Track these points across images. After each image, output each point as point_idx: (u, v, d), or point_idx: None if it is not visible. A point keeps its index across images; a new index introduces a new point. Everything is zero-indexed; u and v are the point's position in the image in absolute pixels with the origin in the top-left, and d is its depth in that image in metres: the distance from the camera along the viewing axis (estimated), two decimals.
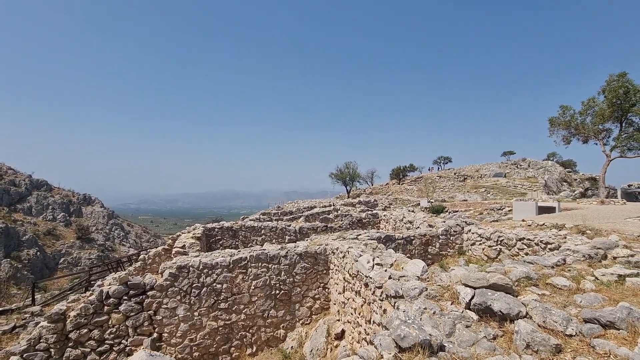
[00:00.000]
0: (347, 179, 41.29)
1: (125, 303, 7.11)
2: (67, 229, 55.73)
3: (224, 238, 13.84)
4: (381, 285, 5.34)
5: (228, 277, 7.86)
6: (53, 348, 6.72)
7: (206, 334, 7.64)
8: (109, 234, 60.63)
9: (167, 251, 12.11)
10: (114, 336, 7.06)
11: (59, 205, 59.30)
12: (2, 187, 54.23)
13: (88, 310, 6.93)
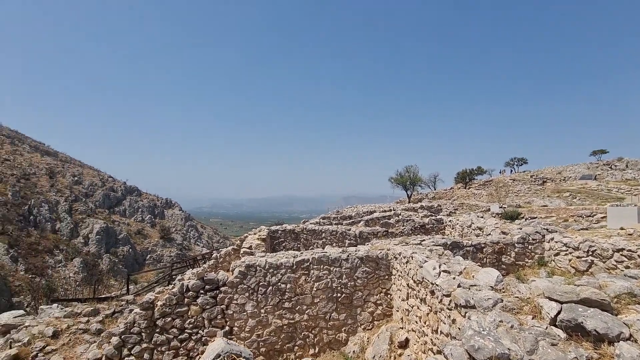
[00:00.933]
0: (407, 184, 39.91)
1: (202, 296, 7.82)
2: (153, 229, 63.20)
3: (286, 240, 14.40)
4: (449, 293, 5.05)
5: (292, 277, 8.16)
6: (144, 332, 7.66)
7: (272, 331, 8.01)
8: (185, 235, 67.18)
9: (236, 251, 13.01)
10: (192, 326, 7.80)
11: (146, 208, 67.66)
12: (104, 193, 63.80)
13: (171, 301, 7.77)
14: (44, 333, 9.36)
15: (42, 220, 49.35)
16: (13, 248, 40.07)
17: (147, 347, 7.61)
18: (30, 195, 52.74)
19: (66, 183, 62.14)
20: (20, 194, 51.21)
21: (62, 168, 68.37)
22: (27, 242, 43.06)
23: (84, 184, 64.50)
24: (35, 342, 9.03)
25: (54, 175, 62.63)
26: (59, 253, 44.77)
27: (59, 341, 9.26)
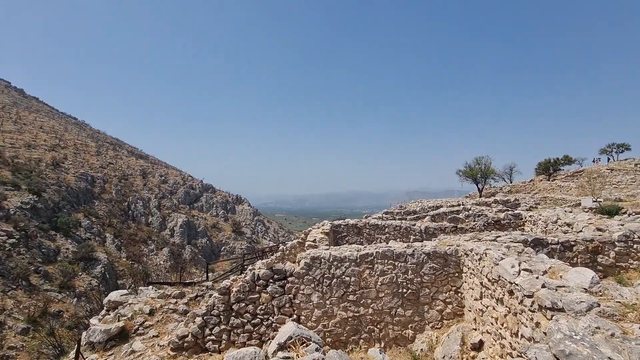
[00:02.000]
0: (478, 176, 36.77)
1: (271, 285, 8.31)
2: (226, 223, 68.83)
3: (349, 235, 14.47)
4: (532, 294, 4.58)
5: (356, 271, 8.19)
6: (222, 315, 8.43)
7: (337, 322, 8.16)
8: (254, 229, 71.79)
9: (300, 244, 13.51)
10: (263, 312, 8.34)
11: (220, 204, 73.90)
12: (185, 190, 71.33)
13: (245, 288, 8.40)
14: (143, 310, 10.89)
15: (138, 214, 57.23)
16: (117, 238, 47.23)
17: (225, 328, 8.36)
18: (129, 193, 61.49)
19: (155, 182, 71.01)
20: (121, 192, 60.03)
21: (152, 169, 78.28)
22: (128, 233, 50.38)
23: (169, 183, 72.99)
24: (136, 317, 10.57)
25: (146, 175, 72.07)
26: (151, 243, 51.51)
27: (154, 318, 10.69)
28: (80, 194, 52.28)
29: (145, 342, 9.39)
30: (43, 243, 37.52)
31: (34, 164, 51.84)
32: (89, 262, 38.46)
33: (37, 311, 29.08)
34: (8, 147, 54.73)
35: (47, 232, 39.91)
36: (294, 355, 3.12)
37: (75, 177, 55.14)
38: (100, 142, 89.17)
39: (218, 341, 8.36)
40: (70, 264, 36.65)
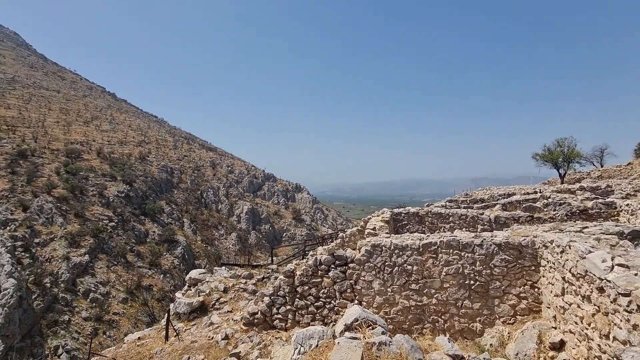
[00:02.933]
0: (559, 160, 32.39)
1: (333, 270, 8.56)
2: (287, 211, 71.88)
3: (410, 223, 14.11)
4: (628, 292, 4.03)
5: (418, 259, 8.01)
6: (287, 296, 8.96)
7: (399, 310, 8.12)
8: (313, 216, 73.81)
9: (360, 232, 13.58)
10: (325, 296, 8.66)
11: (281, 192, 77.30)
12: (249, 179, 75.96)
13: (308, 272, 8.79)
14: (218, 288, 12.06)
15: (209, 202, 62.74)
16: (193, 223, 52.53)
17: (290, 308, 8.89)
18: (201, 182, 67.60)
19: (223, 172, 76.85)
20: (195, 182, 66.27)
21: (220, 160, 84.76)
22: (201, 219, 55.68)
23: (235, 173, 78.43)
24: (213, 294, 11.75)
25: (215, 166, 78.39)
26: (221, 228, 56.26)
27: (228, 295, 11.79)
28: (162, 183, 59.04)
29: (221, 316, 10.44)
30: (135, 226, 43.42)
31: (126, 158, 59.83)
32: (171, 244, 43.55)
33: (133, 284, 34.01)
34: (106, 144, 63.89)
35: (138, 217, 46.04)
36: (361, 336, 3.23)
37: (158, 169, 62.32)
38: (177, 137, 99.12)
39: (284, 320, 8.93)
40: (157, 245, 41.93)
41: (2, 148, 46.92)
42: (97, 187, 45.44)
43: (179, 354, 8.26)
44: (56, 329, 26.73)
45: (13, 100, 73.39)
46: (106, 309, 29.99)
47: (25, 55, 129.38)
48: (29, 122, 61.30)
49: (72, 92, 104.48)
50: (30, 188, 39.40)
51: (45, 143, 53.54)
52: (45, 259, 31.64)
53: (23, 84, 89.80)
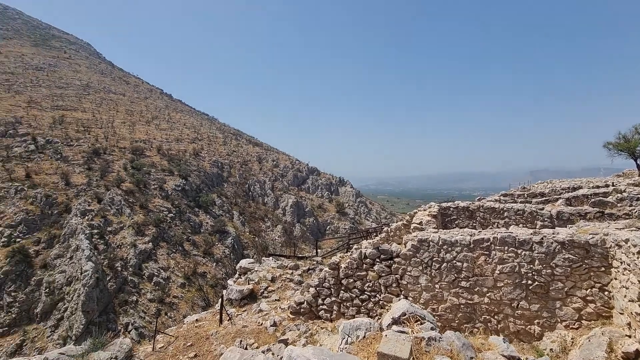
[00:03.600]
0: (637, 149, 28.48)
1: (378, 264, 8.52)
2: (330, 204, 72.41)
3: (459, 218, 13.48)
4: None
5: (469, 256, 7.66)
6: (332, 288, 9.11)
7: (447, 307, 7.86)
8: (357, 210, 73.51)
9: (405, 226, 13.28)
10: (370, 289, 8.66)
11: (324, 186, 78.00)
12: (293, 173, 77.67)
13: (352, 265, 8.84)
14: (266, 277, 12.61)
15: (256, 195, 65.38)
16: (241, 215, 55.21)
17: (335, 300, 9.03)
18: (248, 176, 70.62)
19: (269, 166, 79.47)
20: (243, 175, 69.42)
21: (266, 155, 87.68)
22: (249, 211, 58.31)
23: (279, 167, 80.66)
24: (261, 282, 12.33)
25: (261, 161, 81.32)
26: (267, 220, 58.43)
27: (275, 284, 12.29)
28: (214, 177, 62.73)
29: (270, 304, 10.93)
30: (190, 217, 46.79)
31: (182, 154, 64.47)
32: (222, 234, 46.29)
33: (190, 271, 36.81)
34: (164, 141, 69.35)
35: (193, 209, 49.54)
36: (409, 330, 3.21)
37: (210, 164, 66.29)
38: (226, 133, 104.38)
39: (329, 311, 9.11)
40: (210, 235, 44.84)
41: (80, 147, 53.23)
42: (158, 181, 49.70)
43: (232, 337, 8.84)
44: (126, 307, 29.98)
45: (87, 104, 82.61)
46: (167, 292, 32.92)
47: (97, 63, 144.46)
48: (100, 123, 68.66)
49: (135, 95, 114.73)
50: (103, 182, 44.28)
51: (115, 142, 59.64)
52: (117, 245, 35.48)
53: (95, 89, 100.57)
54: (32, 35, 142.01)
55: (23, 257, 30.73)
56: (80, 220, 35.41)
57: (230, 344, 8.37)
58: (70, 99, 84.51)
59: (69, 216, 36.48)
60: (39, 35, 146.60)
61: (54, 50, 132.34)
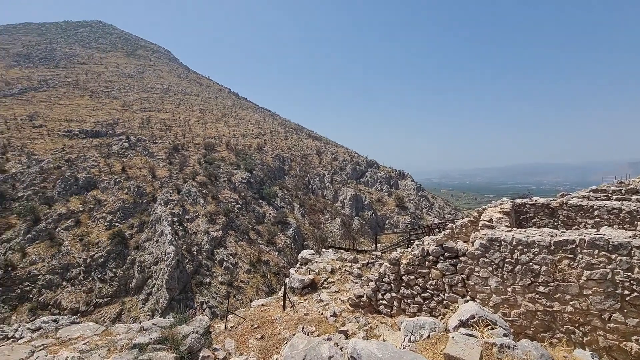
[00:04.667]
0: None
1: (442, 262, 8.16)
2: (389, 198, 70.80)
3: (537, 216, 12.16)
4: None
5: (548, 259, 6.91)
6: (393, 283, 8.99)
7: (521, 313, 7.22)
8: (418, 204, 70.71)
9: (473, 223, 12.43)
10: (433, 288, 8.34)
11: (383, 179, 76.45)
12: (352, 166, 77.48)
13: (414, 262, 8.60)
14: (326, 269, 12.93)
15: (315, 188, 66.83)
16: (302, 207, 57.02)
17: (396, 296, 8.90)
18: (308, 169, 72.43)
19: (328, 160, 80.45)
20: (303, 169, 71.45)
21: (325, 148, 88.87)
22: (309, 203, 59.92)
23: (338, 160, 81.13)
24: (321, 273, 12.68)
25: (320, 154, 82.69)
26: (326, 213, 59.43)
27: (335, 276, 12.54)
28: (276, 171, 65.70)
29: (329, 294, 11.22)
30: (255, 208, 49.80)
31: (247, 149, 68.69)
32: (284, 225, 48.43)
33: (255, 258, 39.33)
34: (232, 137, 74.55)
35: (257, 200, 52.64)
36: (478, 334, 3.04)
37: (272, 157, 69.52)
38: (287, 128, 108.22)
39: (389, 306, 9.02)
40: (272, 226, 47.25)
41: (163, 144, 60.02)
42: (227, 174, 53.82)
43: (294, 323, 9.30)
44: (201, 288, 33.31)
45: (168, 106, 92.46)
46: (235, 276, 35.71)
47: (175, 68, 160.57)
48: (179, 122, 76.43)
49: (207, 95, 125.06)
50: (182, 175, 49.42)
51: (190, 138, 65.98)
52: (193, 232, 39.46)
53: (174, 91, 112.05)
54: (124, 47, 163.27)
55: (121, 239, 36.01)
56: (164, 208, 40.10)
57: (293, 330, 8.83)
58: (155, 101, 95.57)
59: (155, 205, 41.57)
60: (129, 46, 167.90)
61: (141, 59, 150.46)
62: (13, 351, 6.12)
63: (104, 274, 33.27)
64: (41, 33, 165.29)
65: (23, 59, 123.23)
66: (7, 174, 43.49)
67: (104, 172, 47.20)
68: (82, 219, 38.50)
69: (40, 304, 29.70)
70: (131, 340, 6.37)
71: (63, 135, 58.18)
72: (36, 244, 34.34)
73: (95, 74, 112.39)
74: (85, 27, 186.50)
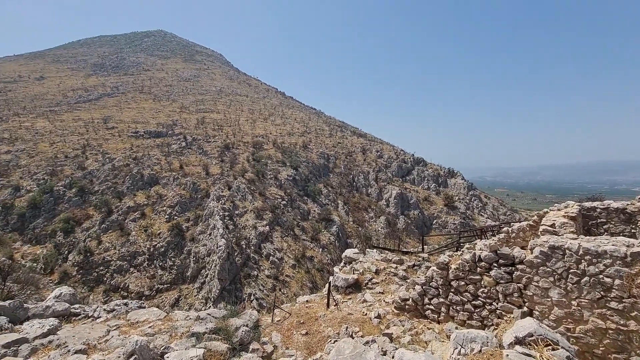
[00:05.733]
0: None
1: (495, 269, 7.67)
2: (437, 197, 67.84)
3: (610, 222, 10.86)
4: None
5: (623, 272, 6.16)
6: (441, 288, 8.66)
7: (589, 330, 6.54)
8: (468, 204, 66.84)
9: (532, 227, 11.47)
10: (485, 296, 7.88)
11: (431, 177, 73.47)
12: (398, 164, 75.55)
13: (464, 267, 8.20)
14: (370, 269, 12.84)
15: (359, 185, 66.33)
16: (346, 205, 56.98)
17: (444, 302, 8.57)
18: (352, 167, 72.07)
19: (372, 157, 79.30)
20: (347, 166, 71.30)
21: (370, 146, 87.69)
22: (353, 201, 59.66)
23: (383, 158, 79.59)
24: (365, 273, 12.62)
25: (365, 151, 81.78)
26: (371, 211, 58.70)
27: (379, 277, 12.40)
28: (320, 168, 66.36)
29: (374, 295, 11.14)
30: (300, 205, 50.85)
31: (293, 147, 70.27)
32: (328, 222, 48.83)
33: (299, 254, 40.21)
34: (278, 135, 76.76)
35: (302, 197, 53.67)
36: (537, 355, 2.82)
37: (317, 155, 70.32)
38: (331, 125, 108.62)
39: (437, 312, 8.71)
40: (317, 223, 47.89)
41: (215, 143, 63.73)
42: (273, 172, 55.61)
43: (338, 322, 9.39)
44: (249, 280, 34.94)
45: (220, 106, 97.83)
46: (281, 270, 36.88)
47: (227, 70, 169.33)
48: (230, 121, 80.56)
49: (255, 95, 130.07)
50: (232, 172, 52.13)
51: (240, 137, 69.23)
52: (242, 226, 41.49)
53: (226, 92, 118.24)
54: (182, 53, 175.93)
55: (179, 231, 39.08)
56: (216, 204, 42.67)
57: (337, 328, 8.93)
58: (209, 102, 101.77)
59: (208, 200, 44.39)
60: (187, 52, 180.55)
61: (197, 64, 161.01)
62: (93, 329, 7.02)
63: (164, 262, 36.39)
64: (113, 44, 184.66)
65: (99, 68, 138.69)
66: (86, 170, 49.45)
67: (164, 169, 51.51)
68: (146, 212, 42.44)
69: (112, 286, 33.42)
70: (189, 328, 6.95)
71: (131, 136, 64.53)
72: (109, 233, 38.64)
73: (158, 80, 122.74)
74: (149, 36, 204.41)
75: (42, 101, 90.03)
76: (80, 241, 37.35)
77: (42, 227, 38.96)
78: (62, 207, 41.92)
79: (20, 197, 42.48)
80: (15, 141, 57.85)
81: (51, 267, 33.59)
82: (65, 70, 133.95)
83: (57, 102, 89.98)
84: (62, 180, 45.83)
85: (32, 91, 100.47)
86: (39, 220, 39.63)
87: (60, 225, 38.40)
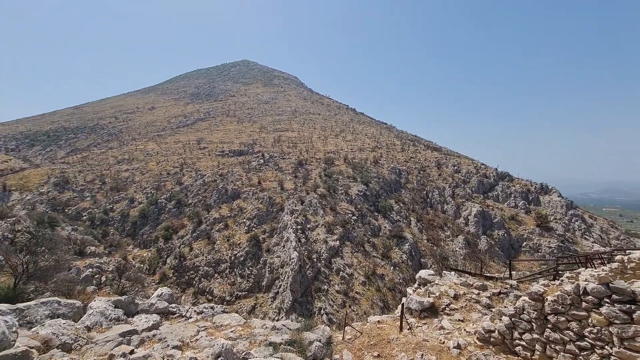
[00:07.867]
0: None
1: (607, 306, 6.45)
2: (527, 216, 60.04)
3: None
4: None
5: None
6: (534, 323, 7.59)
7: None
8: (568, 225, 57.56)
9: None
10: (594, 337, 6.66)
11: (519, 193, 65.61)
12: (478, 179, 69.49)
13: (564, 300, 7.08)
14: (447, 293, 11.93)
15: (434, 202, 62.60)
16: (419, 222, 54.20)
17: (539, 339, 7.48)
18: (426, 182, 68.61)
19: (449, 172, 74.46)
20: (420, 182, 68.18)
21: (445, 160, 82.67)
22: (427, 218, 56.46)
23: (461, 172, 74.05)
24: (442, 297, 11.76)
25: (440, 166, 77.33)
26: (447, 229, 54.69)
27: (458, 303, 11.43)
28: (392, 184, 64.71)
29: (452, 322, 10.28)
30: (370, 221, 50.07)
31: (363, 162, 70.22)
32: (399, 240, 46.96)
33: (370, 271, 39.32)
34: (349, 151, 77.63)
35: (373, 213, 52.84)
36: None
37: (388, 170, 68.91)
38: (403, 140, 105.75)
39: (530, 349, 7.64)
40: (388, 239, 46.45)
41: (290, 159, 67.37)
42: (344, 187, 56.15)
43: (412, 348, 8.89)
44: (319, 294, 35.32)
45: (295, 125, 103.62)
46: (350, 287, 36.47)
47: (301, 91, 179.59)
48: (303, 139, 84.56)
49: (327, 113, 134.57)
50: (305, 187, 54.23)
51: (313, 154, 71.99)
52: (313, 240, 42.51)
53: (300, 112, 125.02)
54: (262, 79, 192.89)
55: (256, 242, 41.86)
56: (290, 217, 44.69)
57: (411, 354, 8.46)
58: (284, 122, 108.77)
59: (283, 214, 46.77)
60: (266, 77, 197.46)
61: (275, 87, 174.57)
62: (187, 328, 7.94)
63: (243, 270, 39.18)
64: (207, 76, 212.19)
65: (195, 97, 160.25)
66: (183, 185, 56.79)
67: (245, 184, 56.21)
68: (229, 223, 46.61)
69: (199, 289, 37.16)
70: (266, 337, 7.37)
71: (218, 155, 72.34)
72: (198, 241, 43.36)
73: (241, 104, 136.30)
74: (236, 66, 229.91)
75: (152, 127, 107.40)
76: (176, 247, 42.67)
77: (148, 233, 45.70)
78: (163, 217, 48.68)
79: (133, 207, 50.75)
80: (132, 161, 69.79)
81: (154, 268, 38.99)
82: (170, 100, 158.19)
83: (163, 128, 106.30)
84: (164, 194, 53.43)
85: (146, 119, 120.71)
86: (146, 228, 46.63)
87: (162, 233, 44.54)
